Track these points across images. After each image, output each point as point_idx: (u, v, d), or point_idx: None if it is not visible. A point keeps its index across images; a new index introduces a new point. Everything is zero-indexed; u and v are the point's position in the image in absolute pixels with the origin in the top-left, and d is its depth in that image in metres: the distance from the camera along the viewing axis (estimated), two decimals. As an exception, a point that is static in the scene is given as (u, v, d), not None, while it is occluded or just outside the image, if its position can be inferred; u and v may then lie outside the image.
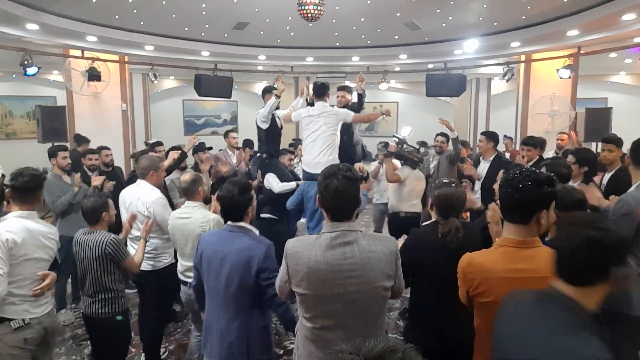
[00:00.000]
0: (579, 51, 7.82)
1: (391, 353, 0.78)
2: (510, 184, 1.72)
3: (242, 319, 2.40)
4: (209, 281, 2.46)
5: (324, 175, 1.88)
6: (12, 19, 6.04)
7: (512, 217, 1.77)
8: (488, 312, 1.76)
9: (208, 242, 2.49)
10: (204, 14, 6.54)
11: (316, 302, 1.86)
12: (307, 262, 1.83)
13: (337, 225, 1.86)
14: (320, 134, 4.26)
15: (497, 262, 1.77)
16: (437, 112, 14.51)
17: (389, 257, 1.88)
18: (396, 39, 8.22)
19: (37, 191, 2.67)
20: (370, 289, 1.84)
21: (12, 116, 11.87)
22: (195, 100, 12.73)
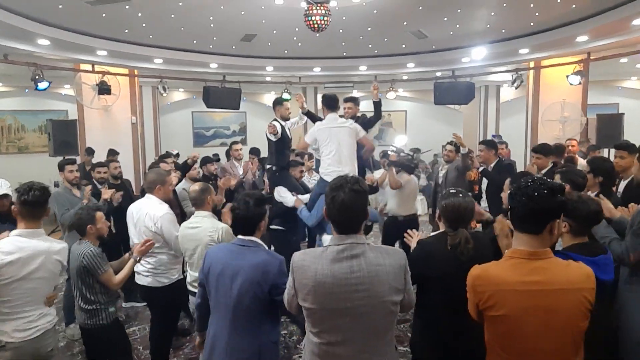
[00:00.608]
0: (588, 57, 7.74)
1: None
2: (524, 192, 1.67)
3: (252, 335, 2.34)
4: (218, 296, 2.38)
5: (331, 187, 1.86)
6: (23, 35, 6.14)
7: (524, 226, 1.72)
8: (499, 326, 1.72)
9: (217, 257, 2.42)
10: (212, 26, 6.60)
11: (323, 316, 1.82)
12: (313, 275, 1.80)
13: (343, 238, 1.83)
14: (342, 144, 4.17)
15: (508, 274, 1.71)
16: (446, 121, 14.51)
17: (397, 271, 1.85)
18: (403, 47, 8.22)
19: (46, 205, 2.66)
20: (378, 303, 1.80)
21: (24, 130, 12.04)
22: (204, 112, 12.84)
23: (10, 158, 11.68)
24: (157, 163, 5.70)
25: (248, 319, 2.33)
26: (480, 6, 5.94)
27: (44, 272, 2.57)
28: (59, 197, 4.49)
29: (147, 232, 3.38)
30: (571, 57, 7.92)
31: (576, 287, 1.67)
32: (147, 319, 4.83)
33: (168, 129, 13.00)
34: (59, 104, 12.02)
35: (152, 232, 3.36)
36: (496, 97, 13.07)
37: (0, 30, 5.89)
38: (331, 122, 4.26)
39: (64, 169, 4.64)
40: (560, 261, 1.74)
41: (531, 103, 8.82)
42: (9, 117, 11.84)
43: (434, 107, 12.08)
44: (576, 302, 1.66)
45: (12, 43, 6.36)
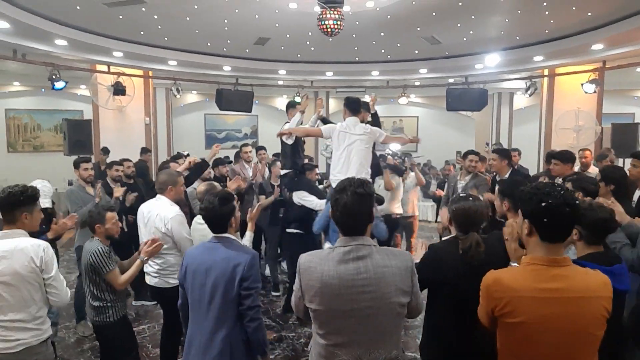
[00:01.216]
0: (604, 65, 7.66)
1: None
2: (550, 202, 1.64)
3: (225, 331, 2.35)
4: (193, 293, 2.43)
5: (336, 189, 1.88)
6: (41, 35, 6.26)
7: (555, 236, 1.68)
8: (514, 333, 1.68)
9: (192, 255, 2.49)
10: (226, 29, 6.66)
11: (329, 318, 1.82)
12: (319, 276, 1.80)
13: (349, 240, 1.83)
14: (354, 151, 4.03)
15: (527, 281, 1.66)
16: (458, 127, 14.46)
17: (404, 273, 1.84)
18: (416, 53, 8.21)
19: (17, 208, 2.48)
20: (384, 304, 1.80)
21: (40, 129, 12.25)
22: (217, 114, 12.94)
23: (26, 156, 11.88)
24: (168, 163, 5.76)
25: (221, 314, 2.36)
26: (494, 13, 5.92)
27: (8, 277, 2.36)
28: (71, 194, 4.55)
29: (157, 233, 3.40)
30: (586, 65, 7.84)
31: (595, 295, 1.65)
32: (156, 318, 4.87)
33: (180, 130, 13.13)
34: (74, 104, 12.21)
35: (161, 233, 3.38)
36: (509, 105, 12.98)
37: (19, 30, 6.01)
38: (350, 127, 4.09)
39: (79, 166, 4.70)
40: (579, 268, 1.71)
41: (545, 111, 8.75)
42: (26, 116, 12.05)
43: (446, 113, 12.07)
44: (594, 310, 1.64)
45: (30, 43, 6.48)
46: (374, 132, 4.18)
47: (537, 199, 1.67)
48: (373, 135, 4.17)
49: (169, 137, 11.43)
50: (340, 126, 4.13)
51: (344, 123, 4.14)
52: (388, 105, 14.23)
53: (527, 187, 1.77)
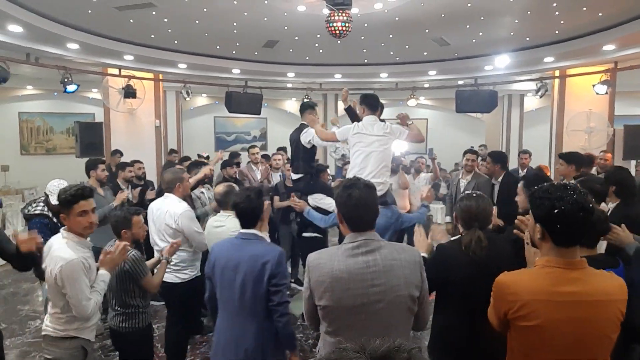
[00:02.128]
0: (616, 66, 7.58)
1: (397, 352, 0.75)
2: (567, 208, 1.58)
3: (257, 326, 2.39)
4: (222, 289, 2.46)
5: (345, 186, 1.89)
6: (53, 38, 6.35)
7: (569, 240, 1.63)
8: (529, 336, 1.66)
9: (220, 251, 2.50)
10: (235, 32, 6.70)
11: (339, 314, 1.82)
12: (329, 272, 1.80)
13: (357, 235, 1.84)
14: (373, 154, 3.75)
15: (543, 284, 1.63)
16: (468, 129, 14.38)
17: (412, 266, 1.85)
18: (425, 55, 8.19)
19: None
20: (393, 297, 1.80)
21: (52, 132, 12.42)
22: (226, 117, 13.02)
23: (39, 159, 12.05)
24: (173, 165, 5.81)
25: (252, 310, 2.38)
26: (503, 14, 5.89)
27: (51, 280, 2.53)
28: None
29: (168, 230, 3.46)
30: (598, 66, 7.76)
31: (611, 299, 1.62)
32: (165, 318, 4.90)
33: (190, 133, 13.21)
34: (86, 107, 12.35)
35: (172, 230, 3.44)
36: (520, 106, 12.88)
37: (33, 34, 6.10)
38: (368, 127, 3.80)
39: (97, 167, 4.73)
40: (594, 271, 1.67)
41: (556, 113, 8.66)
42: (38, 119, 12.23)
43: (456, 115, 12.03)
44: (610, 313, 1.61)
45: (43, 47, 6.58)
46: (394, 131, 3.86)
47: (549, 204, 1.61)
48: (393, 135, 3.85)
49: (179, 140, 11.50)
50: (356, 127, 3.84)
51: (360, 124, 3.84)
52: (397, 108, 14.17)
53: (540, 189, 1.69)
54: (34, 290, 5.83)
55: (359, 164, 3.75)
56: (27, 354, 4.29)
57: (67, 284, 2.38)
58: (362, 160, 3.75)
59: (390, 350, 0.75)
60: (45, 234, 3.59)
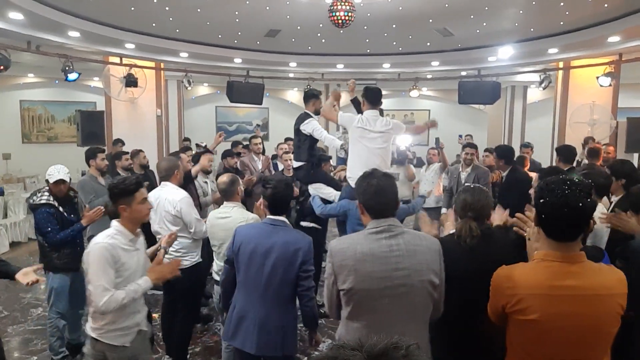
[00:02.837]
0: (620, 58, 7.52)
1: (394, 350, 0.74)
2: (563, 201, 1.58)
3: (281, 311, 2.50)
4: (249, 273, 2.53)
5: (363, 176, 1.95)
6: (54, 26, 6.31)
7: (560, 235, 1.63)
8: (527, 330, 1.66)
9: (248, 235, 2.56)
10: (237, 21, 6.66)
11: (363, 297, 1.83)
12: (352, 254, 1.83)
13: (381, 221, 1.88)
14: (375, 150, 3.77)
15: (541, 278, 1.63)
16: (470, 121, 14.31)
17: (433, 254, 1.91)
18: (428, 45, 8.13)
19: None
20: (417, 281, 1.84)
21: (54, 120, 12.41)
22: (228, 106, 12.97)
23: (40, 147, 12.06)
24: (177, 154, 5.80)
25: (277, 296, 2.49)
26: (508, 4, 5.83)
27: None
28: (85, 185, 4.60)
29: (168, 217, 3.49)
30: (602, 58, 7.70)
31: (610, 293, 1.61)
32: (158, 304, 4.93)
33: (192, 122, 13.20)
34: (87, 95, 12.34)
35: (172, 216, 3.48)
36: (523, 98, 12.81)
37: (33, 22, 6.06)
38: (370, 123, 3.79)
39: (97, 156, 4.72)
40: (593, 265, 1.66)
41: (559, 104, 8.62)
42: (40, 107, 12.22)
43: (458, 106, 11.96)
44: (609, 307, 1.60)
45: (44, 35, 6.54)
46: (395, 127, 3.90)
47: (539, 193, 1.63)
48: (394, 132, 3.90)
49: (180, 129, 11.49)
50: (358, 121, 3.82)
51: (363, 117, 3.83)
52: (399, 98, 14.15)
53: (546, 179, 1.69)
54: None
55: (363, 159, 3.73)
56: (29, 342, 4.32)
57: (88, 267, 2.31)
58: (364, 156, 3.75)
59: (387, 347, 0.74)
60: (52, 223, 3.60)
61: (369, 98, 3.90)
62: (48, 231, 3.60)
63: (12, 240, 7.68)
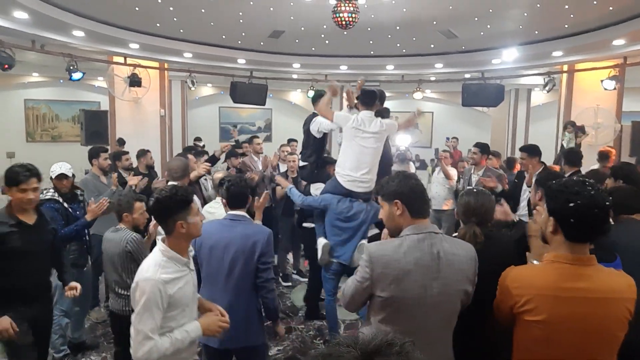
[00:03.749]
0: (625, 61, 7.48)
1: (388, 347, 0.74)
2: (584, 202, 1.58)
3: (243, 302, 2.58)
4: (210, 267, 2.62)
5: (405, 176, 1.99)
6: (59, 26, 6.33)
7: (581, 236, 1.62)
8: (534, 331, 1.65)
9: (208, 231, 2.57)
10: (241, 22, 6.66)
11: (402, 305, 1.83)
12: (397, 264, 1.81)
13: (422, 227, 1.88)
14: (368, 150, 3.87)
15: (550, 279, 1.63)
16: (474, 123, 14.29)
17: (470, 261, 1.91)
18: (432, 47, 8.12)
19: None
20: (453, 291, 1.85)
21: (58, 120, 12.44)
22: (231, 107, 12.99)
23: (44, 146, 12.09)
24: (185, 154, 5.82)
25: (239, 287, 2.58)
26: (512, 6, 5.81)
27: None
28: (87, 183, 4.62)
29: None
30: (606, 61, 7.67)
31: (619, 297, 1.61)
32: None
33: (195, 123, 13.22)
34: (91, 95, 12.37)
35: None
36: (527, 101, 12.79)
37: (38, 21, 6.08)
38: (365, 124, 3.88)
39: (99, 156, 4.75)
40: (603, 269, 1.66)
41: (563, 108, 8.58)
42: (44, 106, 12.25)
43: (462, 109, 11.94)
44: (618, 311, 1.60)
45: (49, 34, 6.56)
46: (389, 128, 4.00)
47: (564, 197, 1.60)
48: (387, 132, 4.01)
49: (183, 130, 11.53)
50: (353, 121, 3.89)
51: (359, 117, 3.91)
52: (403, 100, 14.13)
53: (556, 182, 1.69)
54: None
55: (354, 157, 3.87)
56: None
57: (134, 304, 1.98)
58: (356, 155, 3.87)
59: (381, 345, 0.74)
60: (57, 218, 3.60)
61: (361, 100, 4.05)
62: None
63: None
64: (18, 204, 2.74)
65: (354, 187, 3.87)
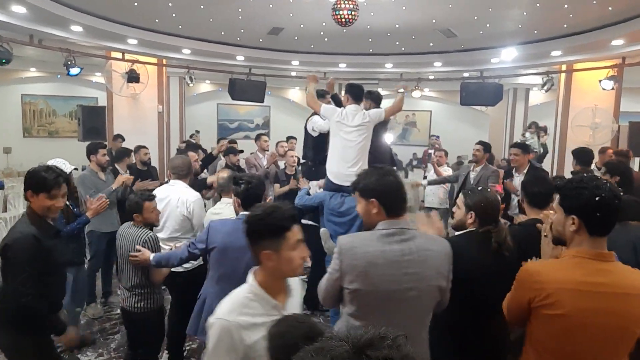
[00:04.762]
0: (623, 62, 7.50)
1: (380, 340, 0.74)
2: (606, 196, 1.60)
3: None
4: (224, 267, 2.58)
5: (380, 173, 1.93)
6: (57, 20, 6.30)
7: (603, 229, 1.65)
8: (553, 325, 1.65)
9: (222, 230, 2.58)
10: (240, 18, 6.64)
11: (370, 298, 1.83)
12: (364, 256, 1.81)
13: (394, 223, 1.86)
14: (354, 145, 3.91)
15: (572, 273, 1.64)
16: (472, 122, 14.31)
17: (444, 257, 1.90)
18: (431, 46, 8.12)
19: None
20: (425, 286, 1.84)
21: (55, 115, 12.40)
22: (230, 104, 12.98)
23: (41, 141, 12.06)
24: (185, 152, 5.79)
25: None
26: (512, 5, 5.82)
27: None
28: (85, 179, 4.60)
29: (177, 217, 3.45)
30: (605, 61, 7.68)
31: (639, 293, 1.62)
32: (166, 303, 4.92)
33: (193, 119, 13.18)
34: (89, 90, 12.32)
35: (182, 216, 3.44)
36: (525, 100, 12.80)
37: (36, 16, 6.05)
38: (349, 118, 3.95)
39: (98, 151, 4.72)
40: (622, 265, 1.68)
41: (561, 107, 8.60)
42: (41, 101, 12.21)
43: (460, 108, 11.96)
44: (638, 308, 1.61)
45: (47, 29, 6.53)
46: (372, 118, 4.00)
47: (588, 193, 1.62)
48: (372, 122, 4.01)
49: (181, 126, 11.47)
50: (338, 115, 3.97)
51: (344, 112, 3.98)
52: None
53: (572, 181, 1.71)
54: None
55: (339, 152, 3.93)
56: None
57: (208, 344, 1.62)
58: (340, 149, 3.92)
59: (374, 338, 0.74)
60: (60, 216, 3.56)
61: (352, 93, 4.08)
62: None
63: (12, 234, 7.68)
64: (44, 211, 2.43)
65: (342, 181, 3.87)
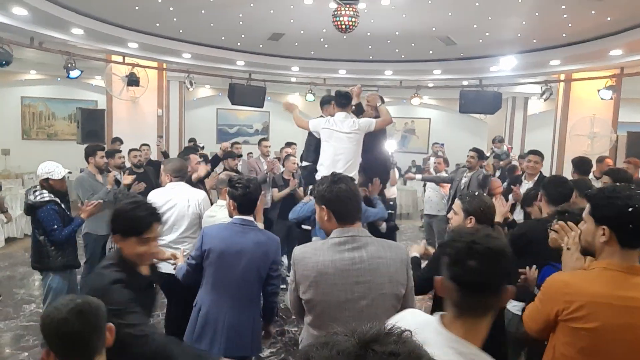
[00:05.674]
0: (622, 72, 7.54)
1: (386, 336, 0.73)
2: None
3: (251, 310, 2.57)
4: (219, 274, 2.51)
5: (331, 181, 1.89)
6: (58, 23, 6.32)
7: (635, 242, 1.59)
8: (582, 339, 1.58)
9: (217, 236, 2.53)
10: (241, 24, 6.67)
11: (324, 308, 1.82)
12: (314, 266, 1.80)
13: (345, 231, 1.84)
14: (342, 150, 3.92)
15: (604, 286, 1.57)
16: (471, 130, 14.33)
17: (399, 265, 1.85)
18: (431, 54, 8.15)
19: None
20: (377, 295, 1.80)
21: (54, 118, 12.38)
22: (229, 109, 12.97)
23: (40, 144, 12.02)
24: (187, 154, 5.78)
25: (248, 296, 2.54)
26: (511, 14, 5.85)
27: None
28: (83, 181, 4.59)
29: (185, 218, 3.43)
30: (604, 71, 7.73)
31: None
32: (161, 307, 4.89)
33: (192, 124, 13.17)
34: (89, 94, 12.32)
35: (193, 214, 3.43)
36: (524, 109, 12.85)
37: (37, 18, 6.06)
38: (338, 124, 3.96)
39: (96, 154, 4.71)
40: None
41: (560, 117, 8.63)
42: (41, 104, 12.19)
43: (459, 116, 11.98)
44: None
45: (48, 31, 6.54)
46: (362, 127, 3.99)
47: (621, 203, 1.55)
48: (362, 131, 4.00)
49: (180, 130, 11.46)
50: (325, 122, 3.99)
51: (331, 119, 4.00)
52: (400, 106, 14.16)
53: (604, 190, 1.65)
54: (31, 274, 5.82)
55: (329, 160, 3.92)
56: (21, 337, 4.27)
57: None
58: (331, 156, 3.92)
59: (379, 334, 0.73)
60: (57, 220, 3.53)
61: (337, 101, 4.10)
62: (54, 229, 3.50)
63: (8, 236, 7.66)
64: (137, 258, 1.96)
65: None
